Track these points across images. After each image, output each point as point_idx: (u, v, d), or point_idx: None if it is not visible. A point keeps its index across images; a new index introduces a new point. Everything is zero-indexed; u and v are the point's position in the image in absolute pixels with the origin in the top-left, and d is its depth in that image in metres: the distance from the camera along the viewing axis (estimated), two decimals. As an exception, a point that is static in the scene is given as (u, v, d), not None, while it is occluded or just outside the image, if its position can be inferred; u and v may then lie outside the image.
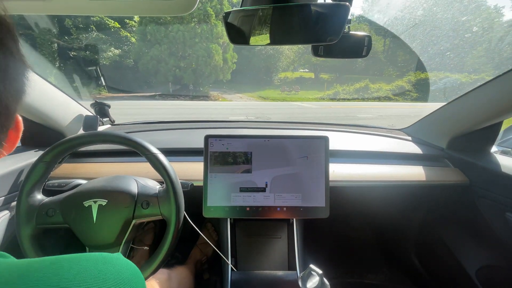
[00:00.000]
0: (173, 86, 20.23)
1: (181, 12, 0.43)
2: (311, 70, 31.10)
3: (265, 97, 22.14)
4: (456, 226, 1.07)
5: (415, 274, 1.25)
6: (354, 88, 23.08)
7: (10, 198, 0.77)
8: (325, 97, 22.69)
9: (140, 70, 18.98)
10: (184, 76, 19.09)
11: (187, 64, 19.09)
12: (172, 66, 18.76)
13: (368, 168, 0.97)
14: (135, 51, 19.43)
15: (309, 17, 0.49)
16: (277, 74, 28.84)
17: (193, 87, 20.01)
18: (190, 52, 19.15)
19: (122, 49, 19.48)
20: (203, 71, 19.16)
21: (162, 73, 18.80)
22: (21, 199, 0.56)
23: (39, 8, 0.45)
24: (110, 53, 18.47)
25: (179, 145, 1.01)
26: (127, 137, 0.60)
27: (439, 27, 17.53)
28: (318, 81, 29.39)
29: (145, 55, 18.61)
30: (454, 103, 0.99)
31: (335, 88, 24.44)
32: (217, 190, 0.78)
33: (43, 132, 0.95)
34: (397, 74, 24.37)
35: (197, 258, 1.25)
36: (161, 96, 18.96)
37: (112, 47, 18.75)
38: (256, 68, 26.83)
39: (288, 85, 26.85)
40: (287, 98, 22.02)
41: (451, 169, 1.01)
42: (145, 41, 18.98)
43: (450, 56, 18.79)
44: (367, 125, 1.39)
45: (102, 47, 17.96)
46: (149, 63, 18.47)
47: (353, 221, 1.50)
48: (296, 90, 25.12)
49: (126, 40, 19.42)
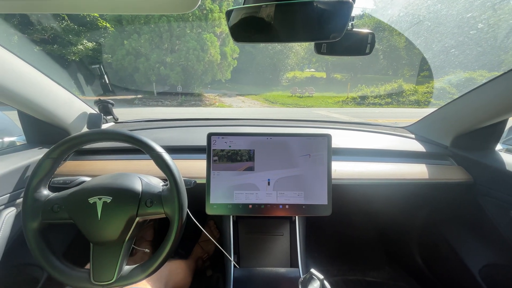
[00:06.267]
0: (159, 88, 15.77)
1: (183, 10, 0.43)
2: (319, 69, 27.19)
3: (273, 100, 18.16)
4: (459, 224, 1.07)
5: (418, 272, 1.25)
6: (385, 90, 17.78)
7: (16, 194, 0.78)
8: (349, 101, 17.88)
9: (114, 68, 14.48)
10: (170, 75, 14.38)
11: (174, 59, 14.30)
12: (154, 63, 14.09)
13: (370, 166, 0.96)
14: (109, 43, 14.70)
15: (312, 14, 0.49)
16: (285, 73, 24.48)
17: (181, 89, 15.43)
18: (178, 44, 14.55)
19: (97, 42, 15.06)
20: (195, 68, 14.42)
21: (142, 71, 14.23)
22: (28, 194, 0.57)
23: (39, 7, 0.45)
24: (81, 46, 14.10)
25: (182, 142, 1.01)
26: (133, 136, 0.60)
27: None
28: (331, 81, 25.26)
29: (119, 48, 13.92)
30: (459, 100, 0.98)
31: (362, 90, 19.09)
32: (220, 187, 0.78)
33: (47, 129, 0.96)
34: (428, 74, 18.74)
35: (198, 255, 1.26)
36: (141, 100, 15.05)
37: (84, 40, 14.40)
38: (262, 66, 22.45)
39: (300, 86, 21.95)
40: (300, 102, 17.81)
41: (455, 167, 1.00)
42: (120, 31, 14.34)
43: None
44: (370, 122, 1.39)
45: (72, 40, 13.93)
46: (124, 58, 13.81)
47: (356, 219, 1.50)
48: (310, 92, 20.00)
49: (104, 32, 15.26)
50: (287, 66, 24.00)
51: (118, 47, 13.99)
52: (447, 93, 13.67)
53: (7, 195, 0.75)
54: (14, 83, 0.74)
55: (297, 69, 26.08)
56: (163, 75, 14.52)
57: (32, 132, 0.98)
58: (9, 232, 0.74)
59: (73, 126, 1.00)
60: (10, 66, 0.73)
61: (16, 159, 0.81)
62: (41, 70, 0.84)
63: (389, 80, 19.14)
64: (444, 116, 1.09)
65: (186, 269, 0.99)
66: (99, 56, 14.76)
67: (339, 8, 0.48)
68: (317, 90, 20.73)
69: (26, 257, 0.86)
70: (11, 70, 0.73)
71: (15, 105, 0.83)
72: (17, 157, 0.83)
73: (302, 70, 27.46)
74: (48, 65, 11.06)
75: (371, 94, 17.85)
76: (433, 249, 1.17)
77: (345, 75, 26.01)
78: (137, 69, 14.23)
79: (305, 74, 27.16)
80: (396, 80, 18.53)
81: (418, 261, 1.24)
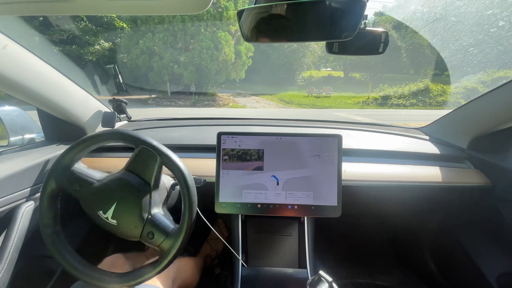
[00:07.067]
0: (172, 87, 15.42)
1: (195, 11, 0.44)
2: (336, 68, 26.04)
3: (288, 100, 17.40)
4: (475, 230, 1.03)
5: (430, 278, 1.21)
6: (409, 90, 16.25)
7: (35, 189, 0.82)
8: (370, 102, 16.71)
9: (128, 67, 14.44)
10: (184, 74, 14.02)
11: (188, 58, 14.00)
12: (168, 62, 13.90)
13: (382, 167, 0.94)
14: (124, 43, 14.70)
15: (324, 13, 0.48)
16: (301, 72, 23.24)
17: (195, 89, 15.12)
18: (192, 43, 14.26)
19: (114, 42, 15.21)
20: (208, 67, 14.01)
21: (156, 70, 14.12)
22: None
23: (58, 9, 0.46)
24: (98, 46, 14.39)
25: (192, 141, 1.03)
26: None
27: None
28: (349, 80, 23.98)
29: (134, 48, 13.94)
30: (477, 101, 0.94)
31: (384, 90, 17.45)
32: (229, 186, 0.79)
33: (64, 127, 1.00)
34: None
35: (207, 252, 1.28)
36: (155, 100, 14.99)
37: (101, 40, 14.67)
38: (277, 65, 21.43)
39: (317, 86, 20.76)
40: (317, 103, 16.92)
41: (472, 170, 0.97)
42: (135, 30, 14.42)
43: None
44: (382, 123, 1.36)
45: (89, 40, 14.24)
46: (138, 58, 13.78)
47: (366, 222, 1.48)
48: (328, 92, 19.04)
49: (121, 32, 15.24)
50: (303, 65, 22.90)
51: (133, 46, 14.06)
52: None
53: (26, 189, 0.79)
54: (34, 83, 0.78)
55: (313, 68, 24.80)
56: (177, 75, 14.30)
57: (50, 129, 1.02)
58: (27, 225, 0.77)
59: (88, 124, 1.03)
60: (31, 66, 0.76)
61: (35, 155, 0.85)
62: (59, 70, 0.87)
63: (412, 79, 17.53)
64: (461, 117, 1.05)
65: (195, 267, 1.00)
66: (115, 55, 14.91)
67: (352, 6, 0.48)
68: (334, 90, 19.74)
69: (43, 249, 0.89)
70: (32, 70, 0.76)
71: (34, 103, 0.86)
72: (36, 153, 0.86)
73: (319, 69, 26.33)
74: (66, 64, 11.35)
75: (394, 95, 16.42)
76: (447, 255, 1.13)
77: (364, 75, 24.77)
78: (151, 68, 14.15)
79: (322, 73, 26.01)
80: (421, 80, 16.96)
81: (431, 267, 1.21)
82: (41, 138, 1.07)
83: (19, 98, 0.79)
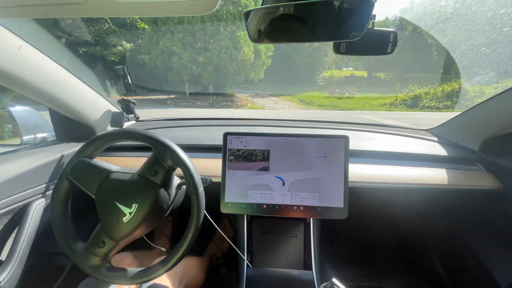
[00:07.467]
0: (191, 88, 15.41)
1: (203, 12, 0.44)
2: (359, 68, 24.50)
3: (309, 101, 16.47)
4: (487, 235, 1.00)
5: (439, 283, 1.19)
6: (442, 91, 14.70)
7: (46, 187, 0.84)
8: (398, 104, 15.36)
9: (148, 68, 14.68)
10: (202, 75, 13.92)
11: (206, 58, 13.83)
12: (187, 62, 13.76)
13: (390, 169, 0.93)
14: (144, 44, 14.80)
15: (332, 13, 0.48)
16: (322, 72, 22.18)
17: (213, 89, 14.97)
18: (211, 43, 14.06)
19: (135, 43, 15.26)
20: (227, 68, 13.83)
21: (175, 71, 14.07)
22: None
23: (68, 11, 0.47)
24: (120, 47, 14.56)
25: (198, 141, 1.04)
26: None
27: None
28: (373, 80, 22.45)
29: (154, 48, 14.00)
30: (489, 102, 0.92)
31: (414, 91, 15.98)
32: (235, 186, 0.79)
33: (75, 127, 1.02)
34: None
35: (212, 252, 1.28)
36: (173, 100, 14.86)
37: (123, 41, 14.82)
38: (297, 65, 20.56)
39: (338, 86, 19.49)
40: (340, 104, 15.79)
41: (483, 173, 0.94)
42: (155, 31, 14.49)
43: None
44: (390, 124, 1.34)
45: (112, 41, 14.53)
46: (158, 58, 13.80)
47: (373, 224, 1.46)
48: (351, 93, 17.92)
49: (142, 33, 15.30)
50: (325, 65, 21.93)
51: (153, 47, 14.11)
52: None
53: (38, 187, 0.81)
54: (46, 83, 0.80)
55: (335, 68, 23.66)
56: (196, 75, 14.21)
57: (61, 129, 1.05)
58: (38, 222, 0.79)
59: (97, 124, 1.06)
60: (43, 67, 0.78)
61: (47, 153, 0.87)
62: (80, 70, 0.89)
63: (445, 79, 15.86)
64: (472, 118, 1.02)
65: (201, 266, 1.01)
66: (136, 56, 15.10)
67: (360, 6, 0.47)
68: (358, 91, 18.40)
69: (54, 246, 0.92)
70: (45, 72, 0.79)
71: (46, 103, 0.89)
72: (48, 152, 0.88)
73: (340, 68, 24.88)
74: (89, 65, 11.55)
75: (425, 96, 14.79)
76: (457, 260, 1.11)
77: (389, 74, 23.03)
78: (171, 69, 14.15)
79: (344, 73, 24.47)
80: (456, 80, 14.94)
81: (440, 271, 1.18)
82: (52, 137, 1.10)
83: (31, 98, 0.81)
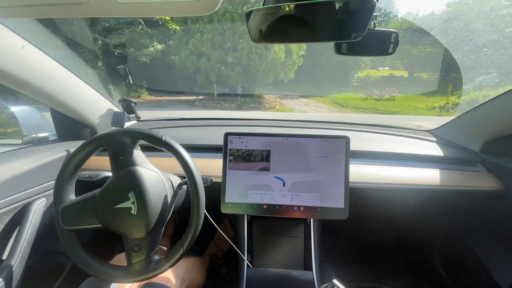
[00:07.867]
0: (219, 89, 14.66)
1: (204, 12, 0.45)
2: (396, 67, 21.36)
3: (343, 103, 14.92)
4: (487, 235, 1.00)
5: (440, 284, 1.18)
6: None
7: (47, 186, 0.84)
8: (451, 108, 13.25)
9: (178, 68, 14.48)
10: (231, 75, 13.34)
11: (235, 59, 13.31)
12: (215, 63, 13.35)
13: (391, 170, 0.93)
14: (174, 44, 14.56)
15: (333, 13, 0.48)
16: (356, 71, 20.07)
17: (241, 91, 14.20)
18: (241, 43, 13.37)
19: (166, 44, 15.05)
20: (256, 68, 13.21)
21: (203, 71, 13.61)
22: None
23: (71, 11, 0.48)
24: (152, 48, 14.47)
25: (199, 141, 1.04)
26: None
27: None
28: (415, 81, 19.88)
29: (184, 49, 13.68)
30: (491, 102, 0.91)
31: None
32: (235, 186, 0.79)
33: (76, 126, 1.02)
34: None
35: (213, 252, 1.28)
36: (201, 102, 14.22)
37: (155, 42, 14.71)
38: (329, 65, 18.77)
39: (376, 86, 17.34)
40: (379, 107, 14.07)
41: (484, 174, 0.94)
42: (185, 31, 14.14)
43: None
44: (391, 125, 1.33)
45: (144, 43, 14.29)
46: (187, 59, 13.47)
47: (373, 225, 1.45)
48: (392, 94, 15.83)
49: (174, 34, 14.93)
50: (360, 64, 19.62)
51: (183, 47, 13.77)
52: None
53: (39, 186, 0.81)
54: (48, 83, 0.80)
55: (371, 67, 21.05)
56: (224, 76, 13.58)
57: (63, 128, 1.05)
58: (39, 221, 0.80)
59: (99, 124, 1.06)
60: (45, 67, 0.78)
61: (48, 153, 0.87)
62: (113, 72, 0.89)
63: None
64: (473, 119, 1.02)
65: (202, 266, 1.01)
66: (166, 57, 14.97)
67: (361, 6, 0.47)
68: (399, 92, 16.35)
69: (54, 245, 0.92)
70: (46, 71, 0.79)
71: (48, 103, 0.89)
72: (49, 151, 0.89)
73: (377, 68, 22.15)
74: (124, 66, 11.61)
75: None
76: (458, 260, 1.10)
77: (433, 74, 19.66)
78: (199, 70, 13.72)
79: (381, 72, 21.42)
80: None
81: (441, 272, 1.18)
82: (54, 136, 1.11)
83: (33, 97, 0.82)
